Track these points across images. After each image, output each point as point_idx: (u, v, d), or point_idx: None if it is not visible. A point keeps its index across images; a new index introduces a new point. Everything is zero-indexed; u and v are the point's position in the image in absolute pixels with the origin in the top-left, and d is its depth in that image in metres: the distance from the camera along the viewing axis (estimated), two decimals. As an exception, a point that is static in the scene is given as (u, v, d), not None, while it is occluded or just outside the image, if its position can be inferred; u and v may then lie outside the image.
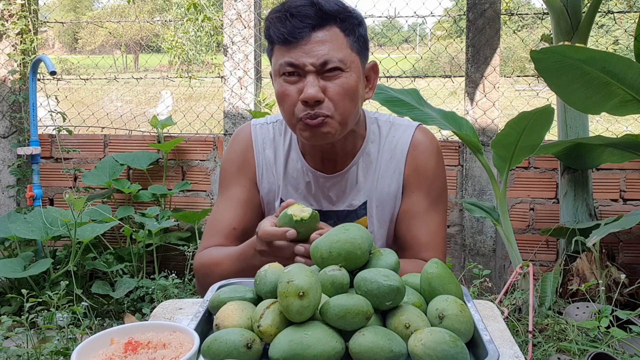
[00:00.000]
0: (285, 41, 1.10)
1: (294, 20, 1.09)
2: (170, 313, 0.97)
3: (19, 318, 2.15)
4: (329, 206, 1.27)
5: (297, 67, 1.10)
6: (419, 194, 1.25)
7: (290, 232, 0.98)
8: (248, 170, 1.30)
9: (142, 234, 2.78)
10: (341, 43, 1.11)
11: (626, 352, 1.89)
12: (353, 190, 1.26)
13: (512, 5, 4.61)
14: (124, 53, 16.19)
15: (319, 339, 0.74)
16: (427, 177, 1.25)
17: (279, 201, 1.28)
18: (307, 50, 1.09)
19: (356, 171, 1.26)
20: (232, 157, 1.32)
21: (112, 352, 0.73)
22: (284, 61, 1.11)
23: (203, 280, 1.24)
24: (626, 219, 2.07)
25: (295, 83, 1.11)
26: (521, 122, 2.16)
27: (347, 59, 1.11)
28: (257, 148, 1.30)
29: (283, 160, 1.28)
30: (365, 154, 1.26)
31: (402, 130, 1.27)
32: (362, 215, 1.26)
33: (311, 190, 1.26)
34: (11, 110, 3.21)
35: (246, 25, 3.08)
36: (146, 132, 3.33)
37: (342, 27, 1.12)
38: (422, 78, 3.57)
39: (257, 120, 1.33)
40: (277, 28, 1.10)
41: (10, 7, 3.18)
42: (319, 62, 1.09)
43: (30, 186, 3.00)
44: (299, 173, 1.27)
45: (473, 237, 2.96)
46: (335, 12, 1.11)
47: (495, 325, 0.91)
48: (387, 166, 1.26)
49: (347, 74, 1.12)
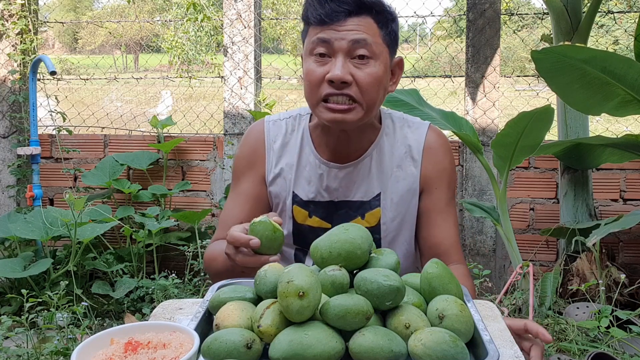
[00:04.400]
0: (321, 21, 1.13)
1: (332, 4, 1.12)
2: (170, 313, 0.97)
3: (19, 318, 2.15)
4: (341, 197, 1.27)
5: (329, 44, 1.13)
6: (440, 190, 1.29)
7: (254, 242, 0.97)
8: (258, 166, 1.31)
9: (142, 234, 2.78)
10: (374, 33, 1.14)
11: (626, 352, 1.89)
12: (365, 181, 1.27)
13: (512, 5, 4.61)
14: (124, 53, 16.19)
15: (319, 339, 0.74)
16: (446, 174, 1.29)
17: (291, 195, 1.29)
18: (340, 31, 1.12)
19: (370, 163, 1.27)
20: (244, 153, 1.33)
21: (112, 352, 0.73)
22: (317, 37, 1.14)
23: (208, 272, 1.28)
24: (626, 219, 2.07)
25: (324, 64, 1.14)
26: (521, 122, 2.16)
27: (377, 49, 1.14)
28: (269, 144, 1.31)
29: (296, 154, 1.29)
30: (379, 146, 1.27)
31: (415, 127, 1.30)
32: (375, 207, 1.27)
33: (323, 182, 1.27)
34: (11, 110, 3.21)
35: (246, 25, 3.08)
36: (146, 132, 3.33)
37: (376, 19, 1.15)
38: (422, 78, 3.57)
39: (271, 117, 1.35)
40: (315, 9, 1.14)
41: (10, 7, 3.18)
42: (351, 40, 1.12)
43: (30, 186, 3.00)
44: (312, 166, 1.28)
45: (473, 237, 2.95)
46: (372, 4, 1.14)
47: (495, 325, 0.91)
48: (402, 161, 1.28)
49: (376, 63, 1.14)
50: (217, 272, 1.20)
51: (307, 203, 1.28)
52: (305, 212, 1.29)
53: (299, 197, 1.28)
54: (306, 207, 1.28)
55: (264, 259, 0.97)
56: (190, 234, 3.01)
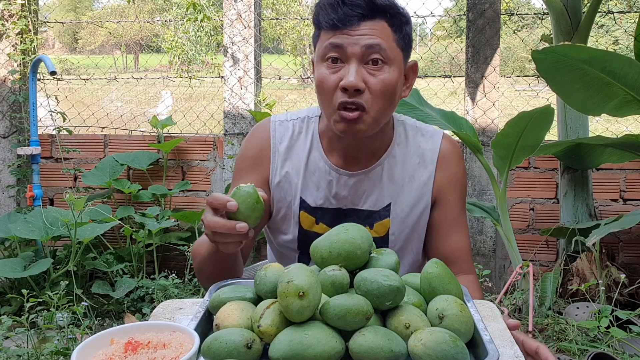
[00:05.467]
0: (333, 26, 1.10)
1: (345, 8, 1.09)
2: (170, 313, 0.97)
3: (19, 318, 2.16)
4: (350, 205, 1.25)
5: (341, 50, 1.10)
6: (453, 201, 1.27)
7: (231, 203, 0.92)
8: (262, 168, 1.27)
9: (142, 234, 2.78)
10: (388, 37, 1.11)
11: (626, 352, 1.89)
12: (375, 191, 1.24)
13: (512, 5, 4.61)
14: (124, 53, 16.19)
15: (319, 339, 0.74)
16: (459, 184, 1.28)
17: (298, 200, 1.26)
18: (353, 35, 1.09)
19: (381, 172, 1.24)
20: (248, 153, 1.29)
21: (112, 352, 0.73)
22: (329, 43, 1.11)
23: (194, 262, 1.23)
24: (626, 219, 2.07)
25: (337, 71, 1.11)
26: (521, 122, 2.16)
27: (391, 53, 1.11)
28: (275, 146, 1.27)
29: (304, 158, 1.26)
30: (391, 155, 1.25)
31: (429, 136, 1.27)
32: (384, 217, 1.24)
33: (332, 189, 1.24)
34: (11, 110, 3.21)
35: (246, 25, 3.08)
36: (146, 132, 3.33)
37: (390, 22, 1.12)
38: (422, 78, 3.57)
39: (277, 117, 1.31)
40: (327, 13, 1.11)
41: (10, 7, 3.18)
42: (364, 45, 1.09)
43: (30, 186, 3.00)
44: (321, 171, 1.24)
45: (473, 237, 2.95)
46: (386, 7, 1.11)
47: (495, 325, 0.91)
48: (415, 171, 1.25)
49: (390, 69, 1.11)
50: (201, 259, 1.16)
51: (315, 209, 1.25)
52: (312, 218, 1.26)
53: (307, 203, 1.25)
54: (314, 213, 1.25)
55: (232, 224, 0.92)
56: (190, 234, 3.01)
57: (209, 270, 1.15)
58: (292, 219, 1.27)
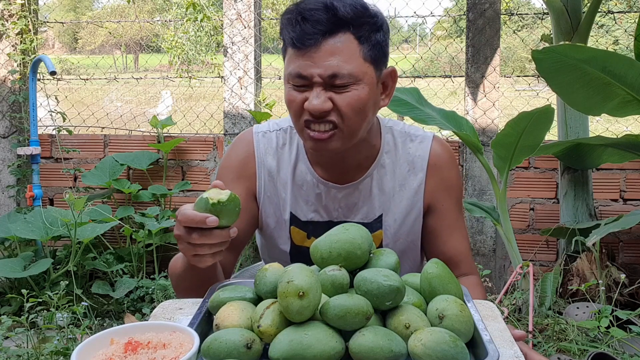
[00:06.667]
0: (294, 46, 1.05)
1: (305, 25, 1.03)
2: (170, 313, 0.97)
3: (19, 318, 2.15)
4: (341, 218, 1.22)
5: (305, 79, 1.05)
6: (448, 207, 1.24)
7: (211, 219, 0.87)
8: (247, 181, 1.23)
9: (142, 234, 2.78)
10: (353, 53, 1.05)
11: (626, 352, 1.89)
12: (367, 203, 1.21)
13: (512, 5, 4.61)
14: (124, 53, 16.17)
15: (319, 339, 0.74)
16: (453, 189, 1.24)
17: (288, 215, 1.23)
18: (315, 60, 1.04)
19: (370, 183, 1.21)
20: (231, 165, 1.25)
21: (112, 352, 0.73)
22: (292, 71, 1.06)
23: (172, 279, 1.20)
24: (626, 219, 2.07)
25: (303, 92, 1.07)
26: (521, 122, 2.16)
27: (358, 71, 1.05)
28: (260, 158, 1.24)
29: (290, 171, 1.22)
30: (380, 165, 1.21)
31: (419, 141, 1.23)
32: (376, 229, 1.21)
33: (322, 202, 1.21)
34: (11, 110, 3.21)
35: (246, 25, 3.08)
36: (146, 132, 3.33)
37: (356, 35, 1.05)
38: (422, 78, 3.57)
39: (259, 127, 1.27)
40: (288, 31, 1.06)
41: (10, 7, 3.18)
42: (327, 74, 1.04)
43: (30, 186, 3.00)
44: (309, 185, 1.21)
45: (473, 237, 2.95)
46: (350, 19, 1.04)
47: (495, 325, 0.91)
48: (406, 179, 1.21)
49: (359, 86, 1.06)
50: (178, 276, 1.12)
51: (306, 224, 1.22)
52: (303, 233, 1.23)
53: (297, 217, 1.23)
54: (305, 228, 1.23)
55: (202, 217, 0.88)
56: (190, 234, 3.01)
57: (186, 285, 1.11)
58: (284, 234, 1.24)
